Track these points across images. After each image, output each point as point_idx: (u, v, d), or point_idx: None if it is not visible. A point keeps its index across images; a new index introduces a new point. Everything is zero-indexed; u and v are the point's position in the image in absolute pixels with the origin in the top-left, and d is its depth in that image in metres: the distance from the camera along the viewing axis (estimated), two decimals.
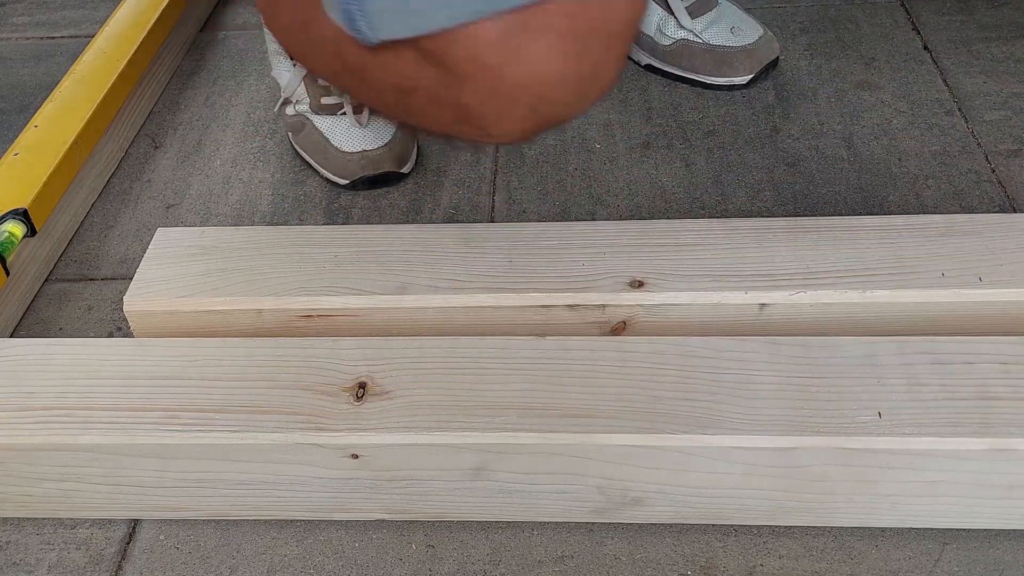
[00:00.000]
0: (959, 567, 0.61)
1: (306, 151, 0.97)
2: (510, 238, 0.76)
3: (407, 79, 0.63)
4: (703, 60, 1.03)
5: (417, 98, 0.64)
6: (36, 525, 0.68)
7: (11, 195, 0.85)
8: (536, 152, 0.98)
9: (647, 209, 0.90)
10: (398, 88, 0.64)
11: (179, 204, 0.96)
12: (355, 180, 0.94)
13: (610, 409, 0.61)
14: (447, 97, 0.61)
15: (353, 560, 0.64)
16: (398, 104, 0.67)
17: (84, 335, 0.83)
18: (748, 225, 0.75)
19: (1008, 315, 0.69)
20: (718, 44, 1.02)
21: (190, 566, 0.65)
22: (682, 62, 1.04)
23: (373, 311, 0.72)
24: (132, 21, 1.10)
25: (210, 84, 1.13)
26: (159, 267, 0.76)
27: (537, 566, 0.63)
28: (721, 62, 1.02)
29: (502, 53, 0.57)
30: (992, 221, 0.74)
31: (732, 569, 0.62)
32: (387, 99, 0.68)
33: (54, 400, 0.65)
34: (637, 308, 0.71)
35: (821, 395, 0.61)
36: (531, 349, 0.66)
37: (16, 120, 1.09)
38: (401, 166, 0.95)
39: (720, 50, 1.02)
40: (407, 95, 0.64)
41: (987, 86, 1.02)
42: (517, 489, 0.63)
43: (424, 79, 0.61)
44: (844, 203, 0.89)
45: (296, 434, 0.61)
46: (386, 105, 0.71)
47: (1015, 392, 0.60)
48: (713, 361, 0.64)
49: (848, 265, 0.71)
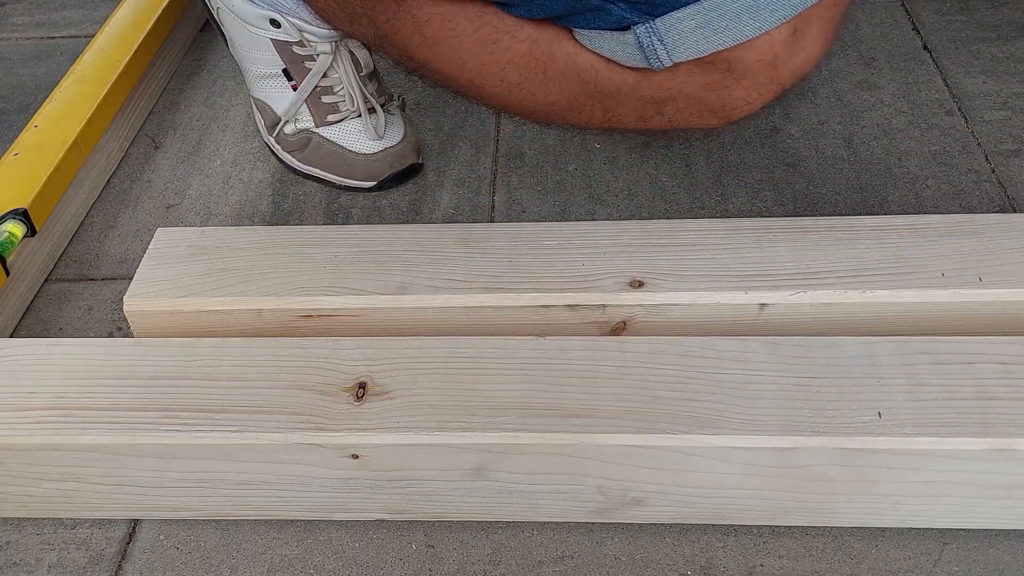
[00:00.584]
0: (959, 567, 0.61)
1: (317, 164, 0.95)
2: (510, 238, 0.76)
3: (673, 91, 0.66)
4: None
5: (671, 105, 0.67)
6: (36, 525, 0.68)
7: (11, 195, 0.85)
8: (536, 152, 0.98)
9: (647, 209, 0.90)
10: (654, 100, 0.68)
11: (179, 204, 0.96)
12: (383, 180, 0.93)
13: (610, 409, 0.61)
14: (710, 98, 0.65)
15: (353, 560, 0.64)
16: (638, 116, 0.70)
17: (84, 335, 0.83)
18: (748, 225, 0.75)
19: (1008, 315, 0.69)
20: None
21: (190, 566, 0.65)
22: None
23: (373, 311, 0.72)
24: (132, 21, 1.10)
25: (210, 84, 1.13)
26: (159, 267, 0.76)
27: (537, 566, 0.63)
28: None
29: (791, 48, 0.62)
30: (992, 221, 0.74)
31: (732, 569, 0.62)
32: (626, 114, 0.71)
33: (54, 400, 0.65)
34: (637, 308, 0.71)
35: (821, 395, 0.61)
36: (531, 349, 0.66)
37: (16, 120, 1.09)
38: (419, 157, 0.95)
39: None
40: (662, 105, 0.68)
41: (987, 86, 1.02)
42: (517, 489, 0.63)
43: (692, 87, 0.65)
44: (844, 203, 0.89)
45: (296, 434, 0.61)
46: (615, 119, 0.73)
47: (1015, 392, 0.60)
48: (713, 361, 0.64)
49: (848, 265, 0.71)
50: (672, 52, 0.64)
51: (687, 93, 0.66)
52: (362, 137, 0.92)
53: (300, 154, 0.95)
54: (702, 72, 0.64)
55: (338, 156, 0.93)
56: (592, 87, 0.70)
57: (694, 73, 0.65)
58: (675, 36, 0.63)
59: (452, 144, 1.00)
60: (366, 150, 0.93)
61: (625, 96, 0.69)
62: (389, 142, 0.93)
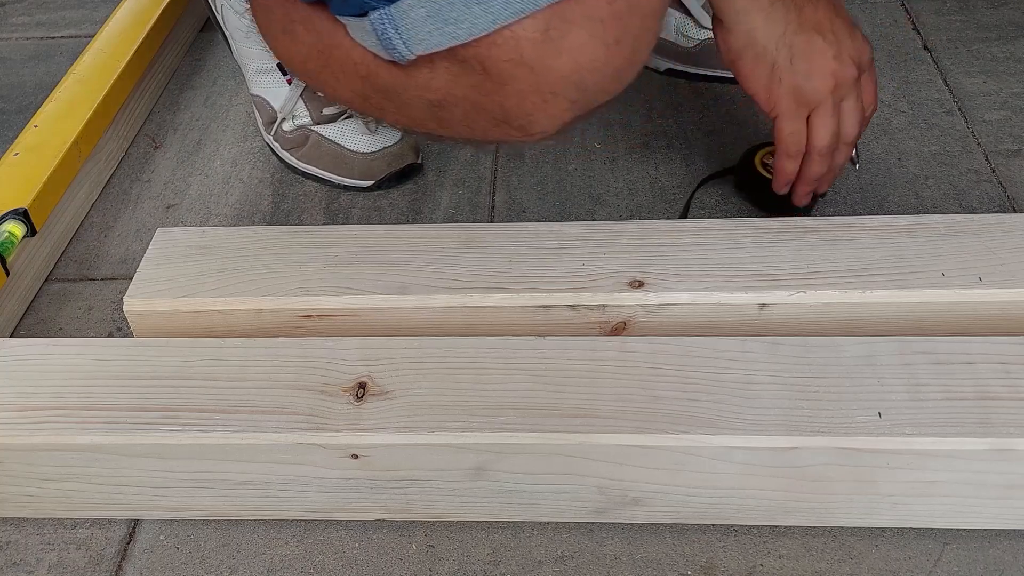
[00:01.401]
0: (959, 567, 0.61)
1: (315, 163, 0.95)
2: (510, 238, 0.76)
3: (443, 92, 0.60)
4: None
5: (453, 110, 0.61)
6: (36, 525, 0.68)
7: (11, 195, 0.85)
8: (536, 152, 0.98)
9: (647, 209, 0.90)
10: (433, 103, 0.62)
11: (179, 204, 0.96)
12: (381, 179, 0.93)
13: (610, 409, 0.61)
14: (486, 103, 0.59)
15: (353, 560, 0.64)
16: (431, 118, 0.64)
17: (84, 335, 0.83)
18: (748, 225, 0.75)
19: (1008, 315, 0.69)
20: None
21: (190, 566, 0.65)
22: (710, 61, 1.03)
23: (373, 311, 0.72)
24: (132, 21, 1.10)
25: (210, 84, 1.13)
26: (159, 267, 0.76)
27: (537, 566, 0.63)
28: None
29: (545, 49, 0.55)
30: (992, 221, 0.74)
31: (732, 569, 0.62)
32: (418, 115, 0.65)
33: (54, 400, 0.65)
34: (637, 308, 0.71)
35: (821, 395, 0.61)
36: (531, 349, 0.66)
37: (16, 120, 1.09)
38: (418, 157, 0.95)
39: None
40: (442, 108, 0.62)
41: (987, 86, 1.02)
42: (517, 489, 0.63)
43: (461, 89, 0.59)
44: (844, 203, 0.89)
45: (296, 434, 0.61)
46: (417, 121, 0.67)
47: (1015, 392, 0.60)
48: (713, 361, 0.64)
49: (848, 265, 0.71)
50: (409, 43, 0.58)
51: (461, 96, 0.60)
52: (359, 136, 0.93)
53: (298, 152, 0.96)
54: (463, 72, 0.58)
55: (336, 155, 0.93)
56: (372, 82, 0.64)
57: (455, 73, 0.58)
58: (409, 25, 0.57)
59: (452, 144, 1.00)
60: (364, 149, 0.93)
61: (404, 95, 0.63)
62: (387, 141, 0.93)
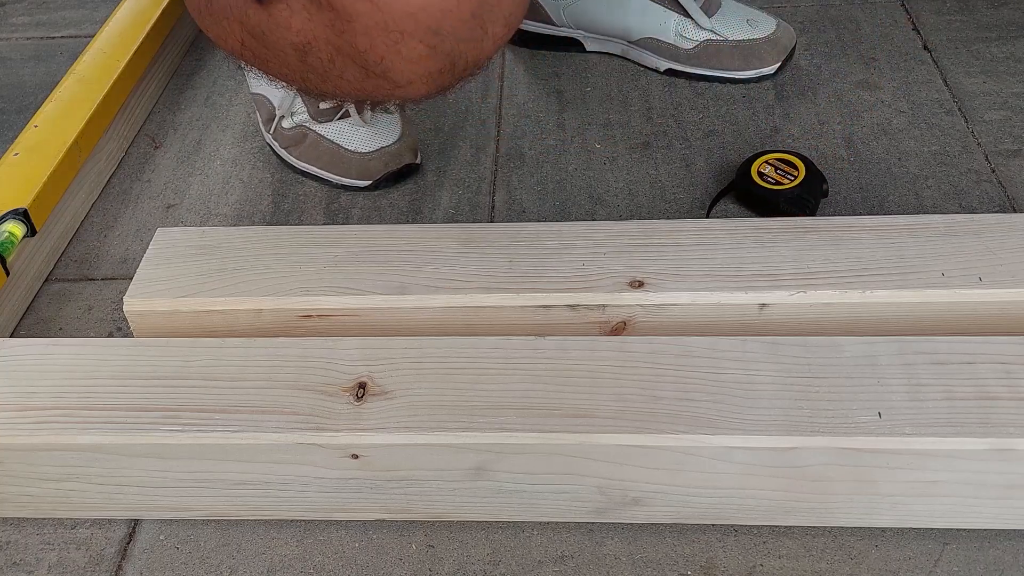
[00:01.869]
0: (959, 567, 0.61)
1: (313, 162, 0.95)
2: (510, 238, 0.76)
3: (302, 33, 0.58)
4: (730, 56, 1.02)
5: (316, 55, 0.59)
6: (36, 525, 0.68)
7: (11, 195, 0.85)
8: (536, 152, 0.98)
9: (647, 209, 0.90)
10: (296, 47, 0.59)
11: (179, 204, 0.96)
12: (379, 179, 0.93)
13: (610, 409, 0.61)
14: (342, 45, 0.57)
15: (353, 560, 0.64)
16: (304, 67, 0.62)
17: (84, 335, 0.83)
18: (748, 225, 0.75)
19: (1008, 315, 0.69)
20: (742, 39, 1.02)
21: (190, 566, 0.65)
22: (710, 62, 1.03)
23: (373, 311, 0.72)
24: (132, 21, 1.10)
25: (210, 84, 1.13)
26: (159, 267, 0.76)
27: (537, 566, 0.63)
28: (749, 55, 1.02)
29: None
30: (992, 221, 0.74)
31: (732, 569, 0.62)
32: (290, 62, 0.62)
33: (54, 400, 0.65)
34: (637, 308, 0.71)
35: (821, 395, 0.61)
36: (531, 349, 0.66)
37: (16, 120, 1.09)
38: (416, 157, 0.95)
39: (745, 44, 1.02)
40: (306, 53, 0.59)
41: (987, 86, 1.02)
42: (517, 489, 0.63)
43: (317, 28, 0.57)
44: (844, 203, 0.89)
45: (296, 434, 0.61)
46: (291, 71, 0.64)
47: (1015, 392, 0.60)
48: (713, 361, 0.64)
49: (848, 265, 0.71)
50: None
51: (322, 38, 0.57)
52: (357, 135, 0.92)
53: (296, 150, 0.96)
54: (316, 8, 0.55)
55: (333, 154, 0.93)
56: (246, 26, 0.61)
57: (310, 11, 0.56)
58: None
59: (452, 144, 1.00)
60: (361, 148, 0.92)
61: (270, 37, 0.60)
62: (385, 141, 0.93)
